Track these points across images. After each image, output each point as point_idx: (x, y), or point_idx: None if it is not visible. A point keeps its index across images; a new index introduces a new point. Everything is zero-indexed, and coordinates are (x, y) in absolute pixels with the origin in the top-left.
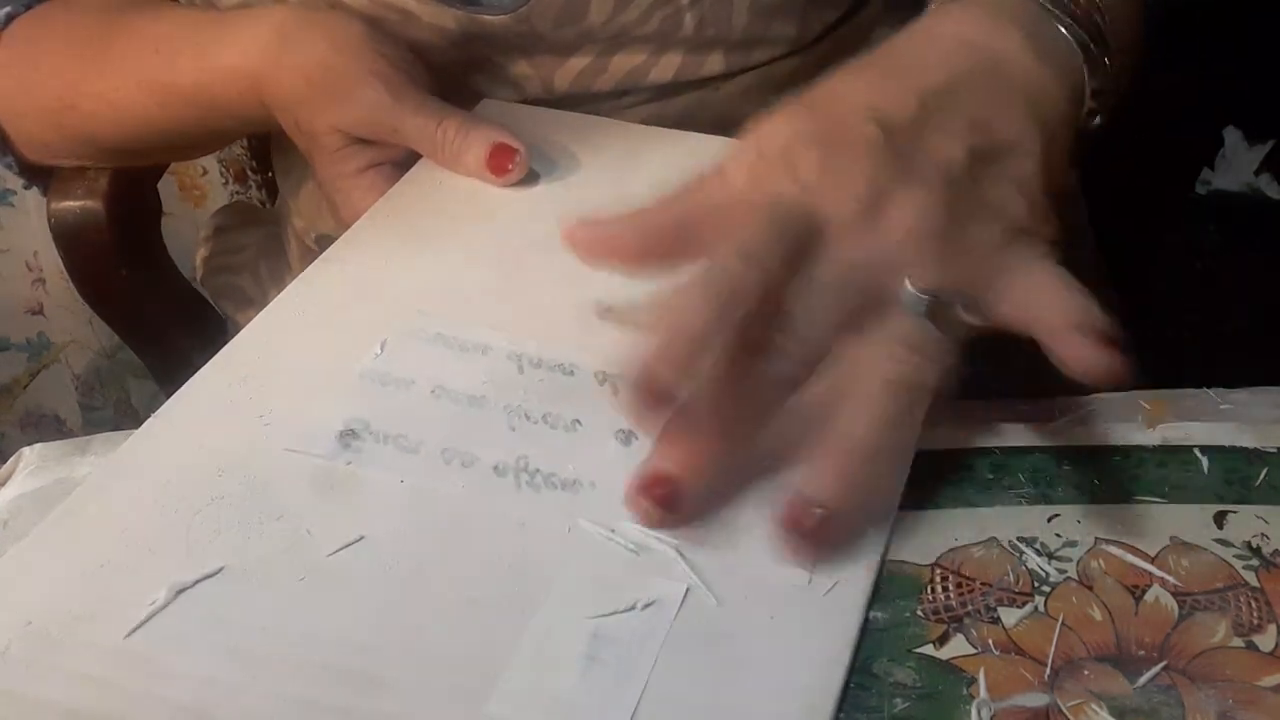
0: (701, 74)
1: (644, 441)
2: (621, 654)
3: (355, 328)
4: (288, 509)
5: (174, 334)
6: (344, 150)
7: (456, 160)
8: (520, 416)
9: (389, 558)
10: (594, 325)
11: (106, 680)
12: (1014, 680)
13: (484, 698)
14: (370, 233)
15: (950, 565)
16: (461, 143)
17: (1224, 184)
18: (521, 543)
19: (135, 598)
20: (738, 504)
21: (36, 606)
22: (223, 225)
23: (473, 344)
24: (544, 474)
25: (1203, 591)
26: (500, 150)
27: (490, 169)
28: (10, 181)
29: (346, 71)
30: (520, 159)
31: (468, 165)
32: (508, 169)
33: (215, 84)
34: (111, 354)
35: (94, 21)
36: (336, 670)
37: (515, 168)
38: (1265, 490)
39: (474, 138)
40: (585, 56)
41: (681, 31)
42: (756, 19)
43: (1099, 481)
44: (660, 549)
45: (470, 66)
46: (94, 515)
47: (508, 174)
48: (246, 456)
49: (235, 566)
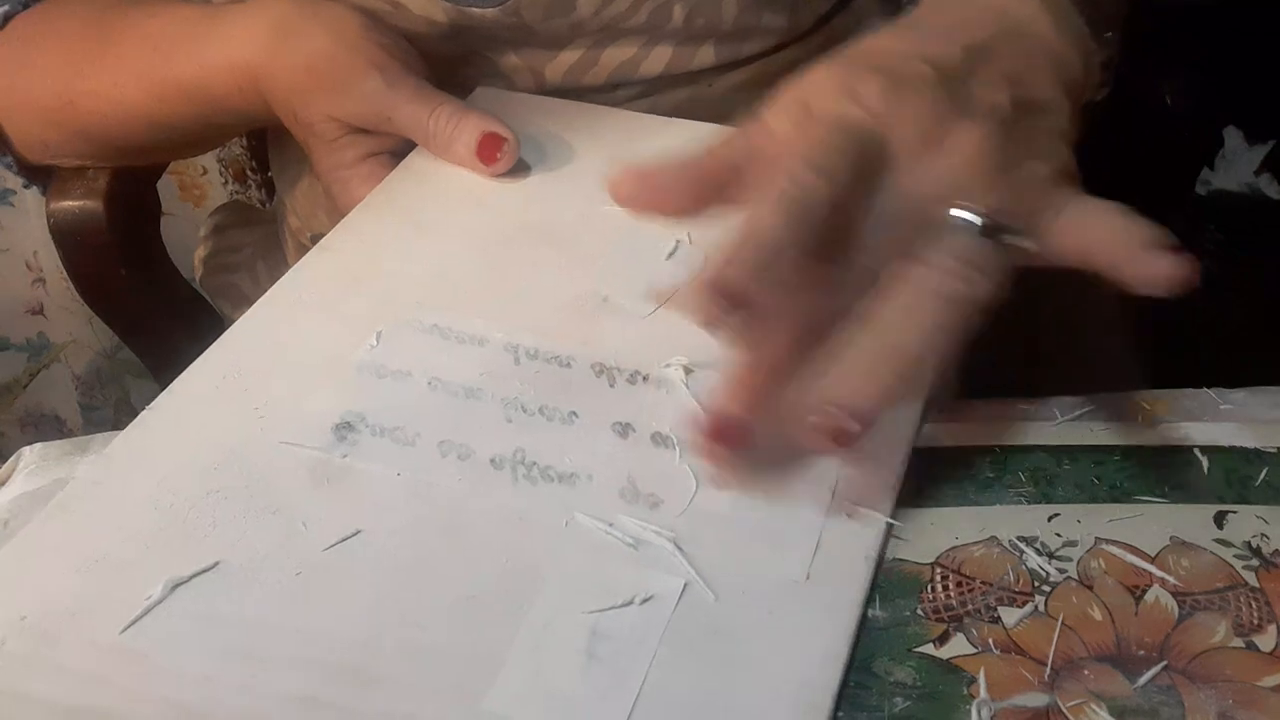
0: (692, 66)
1: (641, 434)
2: (619, 649)
3: (350, 319)
4: (284, 502)
5: (174, 334)
6: (341, 140)
7: (447, 148)
8: (517, 409)
9: (385, 551)
10: (591, 317)
11: (102, 676)
12: (1014, 680)
13: (482, 692)
14: (365, 223)
15: (950, 564)
16: (452, 131)
17: (1224, 184)
18: (519, 536)
19: (131, 593)
20: (736, 498)
21: (31, 602)
22: (221, 224)
23: (469, 336)
24: (541, 467)
25: (1203, 591)
26: (489, 139)
27: (480, 158)
28: (10, 181)
29: (345, 61)
30: (509, 148)
31: (457, 154)
32: (496, 158)
33: (213, 79)
34: (111, 354)
35: (91, 19)
36: (333, 665)
37: (504, 157)
38: (1265, 490)
39: (464, 126)
40: (576, 50)
41: (671, 23)
42: (747, 9)
43: (1099, 481)
44: (658, 543)
45: (461, 60)
46: (89, 510)
47: (496, 163)
48: (242, 450)
49: (231, 561)
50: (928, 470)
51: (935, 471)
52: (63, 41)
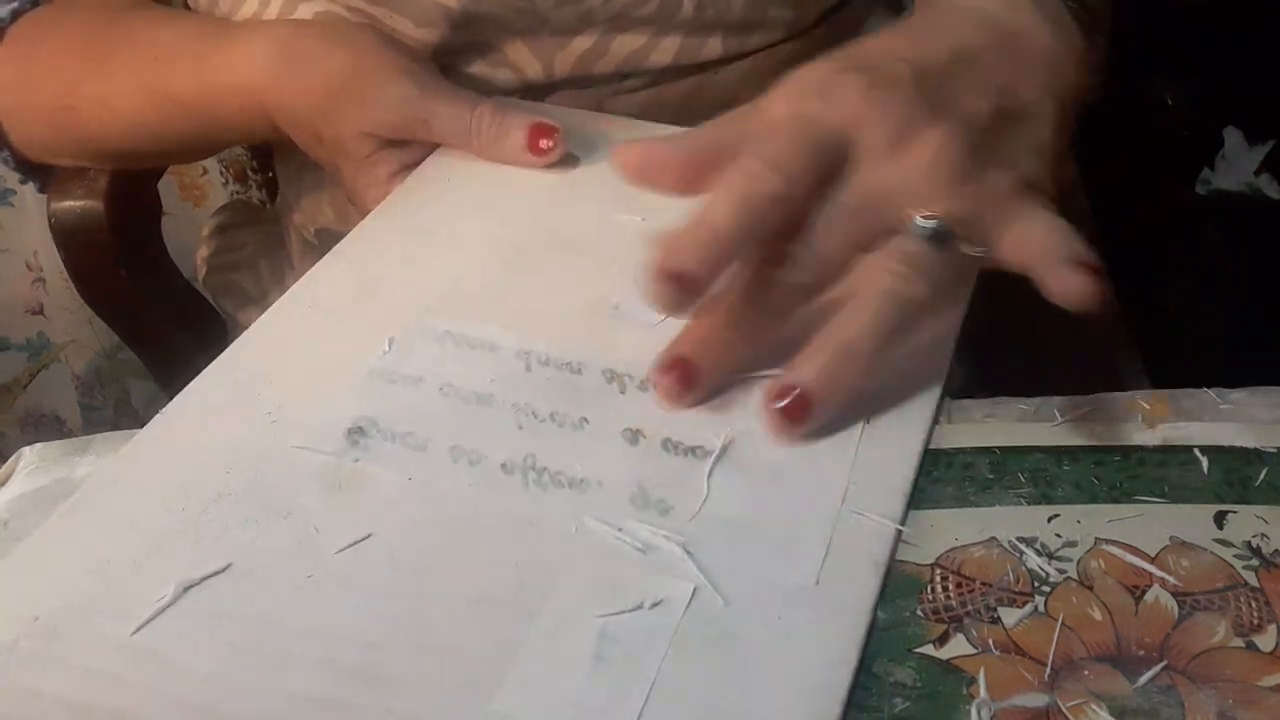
0: (700, 57)
1: (651, 441)
2: (629, 653)
3: (363, 325)
4: (295, 506)
5: (174, 334)
6: (374, 156)
7: (496, 145)
8: (528, 415)
9: (396, 555)
10: (602, 324)
11: (114, 676)
12: (1014, 680)
13: (491, 696)
14: (378, 229)
15: (950, 565)
16: (498, 127)
17: (1224, 184)
18: (529, 541)
19: (142, 594)
20: (746, 503)
21: (44, 602)
22: (224, 224)
23: (480, 342)
24: (551, 472)
25: (1203, 591)
26: (539, 130)
27: (532, 150)
28: (10, 181)
29: (371, 73)
30: (560, 137)
31: (507, 149)
32: (550, 148)
33: (215, 97)
34: (111, 354)
35: (98, 24)
36: (344, 667)
37: (556, 146)
38: (1265, 490)
39: (511, 121)
40: (586, 39)
41: (681, 14)
42: (754, 1)
43: (1099, 481)
44: (668, 548)
45: (471, 49)
46: (101, 512)
47: (549, 154)
48: (254, 454)
49: (243, 563)
50: (928, 470)
51: (935, 472)
52: (67, 44)
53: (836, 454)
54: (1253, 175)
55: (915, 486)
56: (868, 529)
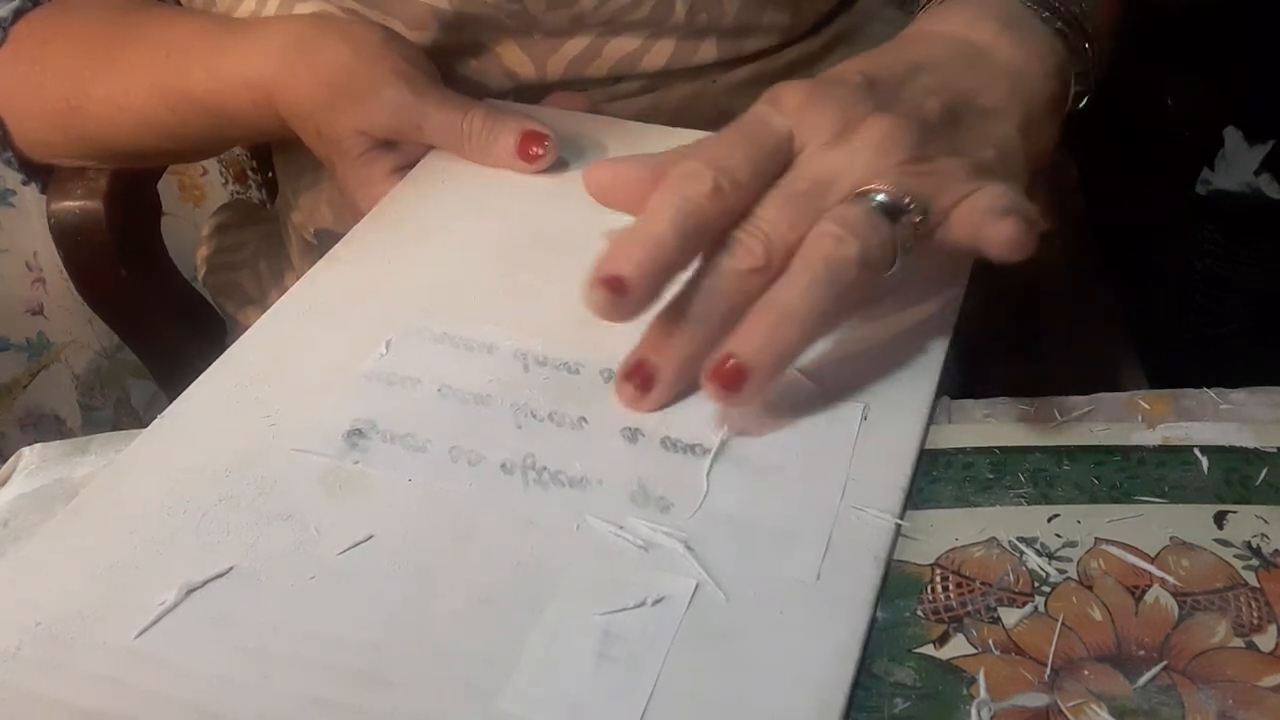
0: (694, 62)
1: (650, 439)
2: (631, 650)
3: (360, 327)
4: (296, 509)
5: (174, 334)
6: (368, 155)
7: (486, 151)
8: (527, 414)
9: (398, 556)
10: (598, 324)
11: (117, 680)
12: (1014, 680)
13: (495, 695)
14: (374, 231)
15: (950, 565)
16: (490, 133)
17: (1224, 184)
18: (530, 540)
19: (145, 598)
20: (746, 499)
21: (46, 607)
22: (224, 224)
23: (478, 343)
24: (551, 471)
25: (1203, 592)
26: (530, 137)
27: (522, 156)
28: (10, 181)
29: (368, 73)
30: (551, 144)
31: (498, 155)
32: (540, 155)
33: (228, 93)
34: (111, 354)
35: (104, 23)
36: (347, 669)
37: (547, 153)
38: (1265, 490)
39: (503, 127)
40: (579, 41)
41: (673, 18)
42: (748, 6)
43: (1099, 481)
44: (669, 545)
45: (464, 51)
46: (102, 515)
47: (540, 160)
48: (254, 457)
49: (245, 566)
50: (927, 470)
51: (935, 472)
52: (73, 44)
53: (835, 450)
54: (1253, 175)
55: (913, 481)
56: (867, 524)
